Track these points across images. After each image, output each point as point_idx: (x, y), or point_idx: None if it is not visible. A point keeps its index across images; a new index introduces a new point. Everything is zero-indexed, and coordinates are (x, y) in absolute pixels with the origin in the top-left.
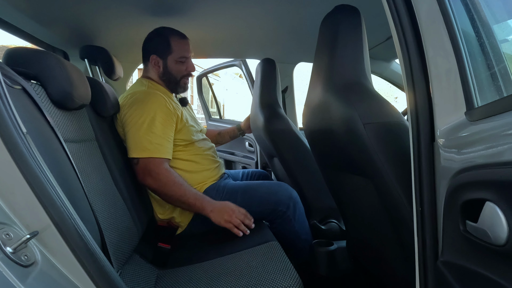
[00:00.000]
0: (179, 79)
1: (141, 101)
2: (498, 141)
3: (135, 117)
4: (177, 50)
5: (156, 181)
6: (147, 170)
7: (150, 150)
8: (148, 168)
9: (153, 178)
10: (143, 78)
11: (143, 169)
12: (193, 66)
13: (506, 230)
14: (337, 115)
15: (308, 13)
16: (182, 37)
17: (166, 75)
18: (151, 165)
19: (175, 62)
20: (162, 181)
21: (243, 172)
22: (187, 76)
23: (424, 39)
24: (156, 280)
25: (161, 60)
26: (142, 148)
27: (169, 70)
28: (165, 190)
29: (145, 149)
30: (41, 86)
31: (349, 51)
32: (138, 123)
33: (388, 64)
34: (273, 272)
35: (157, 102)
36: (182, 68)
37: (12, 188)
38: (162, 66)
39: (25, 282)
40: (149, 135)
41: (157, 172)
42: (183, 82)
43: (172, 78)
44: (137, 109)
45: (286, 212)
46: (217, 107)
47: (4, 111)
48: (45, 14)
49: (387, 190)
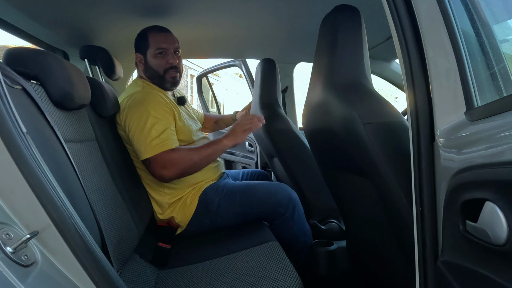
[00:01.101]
0: (162, 73)
1: (138, 102)
2: (498, 141)
3: (136, 120)
4: (154, 43)
5: (173, 168)
6: (160, 165)
7: (157, 147)
8: (161, 163)
9: (169, 168)
10: (137, 79)
11: (156, 166)
12: (175, 58)
13: (506, 230)
14: (337, 115)
15: (308, 13)
16: (160, 30)
17: (149, 71)
18: (162, 159)
19: (154, 56)
20: (178, 166)
21: (243, 172)
22: (170, 69)
23: (424, 39)
24: (156, 280)
25: (142, 57)
26: (150, 148)
27: (149, 65)
28: (186, 170)
29: (153, 148)
30: (41, 86)
31: (349, 51)
32: (140, 125)
33: (388, 64)
34: (273, 272)
35: (153, 99)
36: (162, 61)
37: (12, 188)
38: (143, 62)
39: (25, 282)
40: (154, 133)
41: (170, 161)
42: (169, 76)
43: (155, 73)
44: (136, 111)
45: (285, 213)
46: (217, 107)
47: (4, 111)
48: (45, 14)
49: (387, 190)
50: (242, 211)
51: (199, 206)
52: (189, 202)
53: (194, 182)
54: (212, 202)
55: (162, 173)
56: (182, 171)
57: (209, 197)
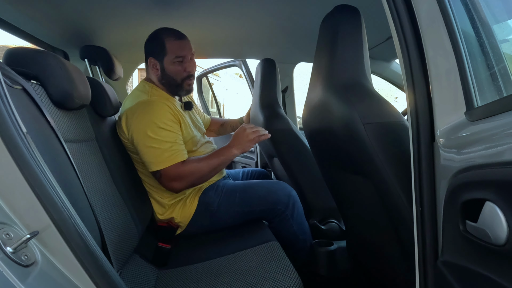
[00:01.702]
0: (179, 81)
1: (146, 112)
2: (498, 141)
3: (143, 131)
4: (172, 50)
5: (183, 182)
6: (170, 178)
7: (168, 160)
8: (171, 176)
9: (179, 181)
10: (145, 81)
11: (166, 178)
12: (193, 66)
13: (506, 230)
14: (337, 115)
15: (308, 13)
16: (178, 37)
17: (165, 78)
18: (173, 171)
19: (172, 63)
20: (188, 179)
21: (243, 172)
22: (188, 78)
23: (424, 39)
24: (156, 280)
25: (158, 63)
26: (161, 160)
27: (167, 72)
28: (195, 182)
29: (164, 160)
30: (41, 86)
31: (349, 51)
32: (148, 137)
33: (388, 64)
34: (273, 272)
35: (161, 110)
36: (180, 68)
37: (12, 188)
38: (159, 69)
39: (25, 282)
40: (163, 145)
41: (180, 174)
42: (186, 85)
43: (172, 80)
44: (143, 122)
45: (284, 211)
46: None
47: (4, 111)
48: (45, 14)
49: (387, 190)
50: (242, 211)
51: (199, 207)
52: (189, 202)
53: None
54: (212, 203)
55: (172, 186)
56: (192, 183)
57: (209, 197)
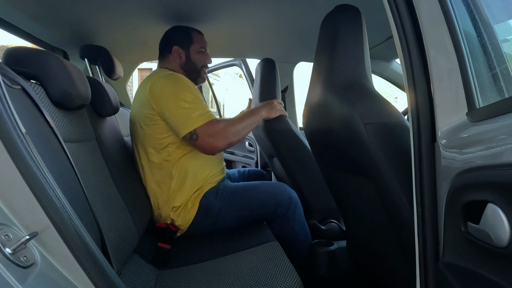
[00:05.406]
0: (199, 68)
1: (173, 80)
2: (500, 142)
3: (174, 93)
4: (198, 41)
5: (220, 137)
6: (209, 134)
7: (203, 118)
8: (209, 132)
9: (217, 137)
10: (160, 68)
11: (205, 135)
12: (210, 58)
13: (508, 232)
14: (337, 115)
15: (308, 12)
16: (199, 32)
17: (189, 65)
18: (210, 128)
19: (197, 52)
20: (225, 135)
21: (239, 171)
22: (204, 67)
23: (425, 39)
24: (156, 280)
25: (183, 51)
26: (195, 119)
27: (191, 60)
28: (231, 138)
29: (199, 118)
30: (40, 86)
31: (349, 51)
32: (180, 98)
33: (389, 64)
34: (273, 272)
35: (187, 80)
36: (202, 58)
37: (11, 188)
38: (184, 57)
39: (25, 283)
40: (196, 105)
41: (216, 130)
42: (203, 73)
43: (194, 67)
44: (173, 87)
45: (285, 213)
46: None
47: (3, 111)
48: (45, 14)
49: (388, 190)
50: (242, 214)
51: (200, 211)
52: (190, 206)
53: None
54: (213, 207)
55: (212, 143)
56: (229, 140)
57: (209, 201)
